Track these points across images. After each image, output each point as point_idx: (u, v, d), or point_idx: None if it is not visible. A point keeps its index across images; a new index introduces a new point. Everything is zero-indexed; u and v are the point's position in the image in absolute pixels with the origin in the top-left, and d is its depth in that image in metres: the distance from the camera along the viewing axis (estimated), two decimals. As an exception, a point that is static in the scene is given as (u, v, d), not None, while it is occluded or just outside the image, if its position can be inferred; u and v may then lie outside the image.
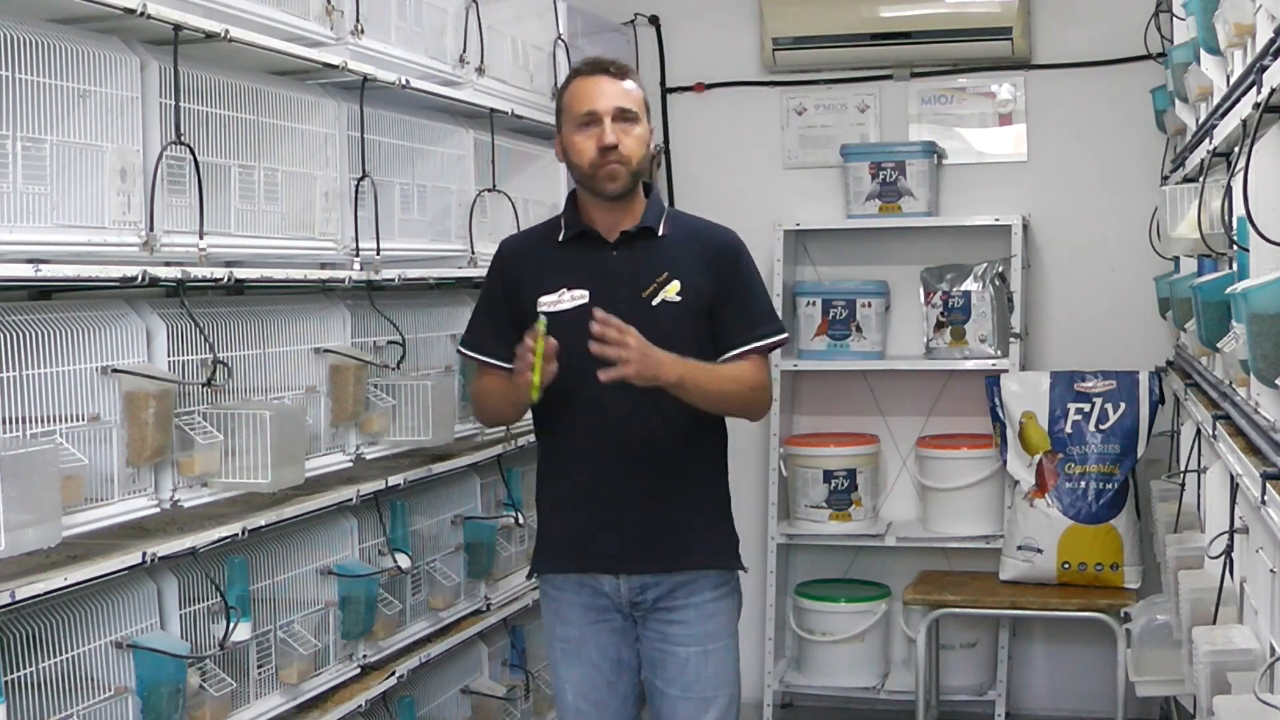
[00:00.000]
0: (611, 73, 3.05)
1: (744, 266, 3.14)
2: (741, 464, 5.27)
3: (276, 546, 3.20)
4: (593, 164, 3.01)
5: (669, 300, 3.05)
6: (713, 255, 3.10)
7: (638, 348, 2.89)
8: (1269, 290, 2.08)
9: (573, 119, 3.04)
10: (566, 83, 3.10)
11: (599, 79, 3.04)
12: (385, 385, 3.55)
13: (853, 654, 5.23)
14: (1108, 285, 5.27)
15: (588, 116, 3.01)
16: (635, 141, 3.03)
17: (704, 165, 5.63)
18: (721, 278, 3.09)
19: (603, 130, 2.99)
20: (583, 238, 3.10)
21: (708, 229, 3.19)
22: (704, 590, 3.08)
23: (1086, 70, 5.25)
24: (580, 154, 3.03)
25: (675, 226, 3.13)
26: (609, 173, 3.01)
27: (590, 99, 3.02)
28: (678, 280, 3.05)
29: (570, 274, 3.07)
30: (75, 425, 2.61)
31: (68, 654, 2.58)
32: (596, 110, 3.00)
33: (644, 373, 2.90)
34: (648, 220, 3.09)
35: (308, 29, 3.24)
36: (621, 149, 3.00)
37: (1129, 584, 4.79)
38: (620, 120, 3.01)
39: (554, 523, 3.17)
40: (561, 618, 3.14)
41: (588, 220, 3.10)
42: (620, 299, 3.01)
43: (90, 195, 2.60)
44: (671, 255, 3.08)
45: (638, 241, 3.09)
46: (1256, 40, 2.49)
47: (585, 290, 3.04)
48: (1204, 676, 2.45)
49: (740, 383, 3.07)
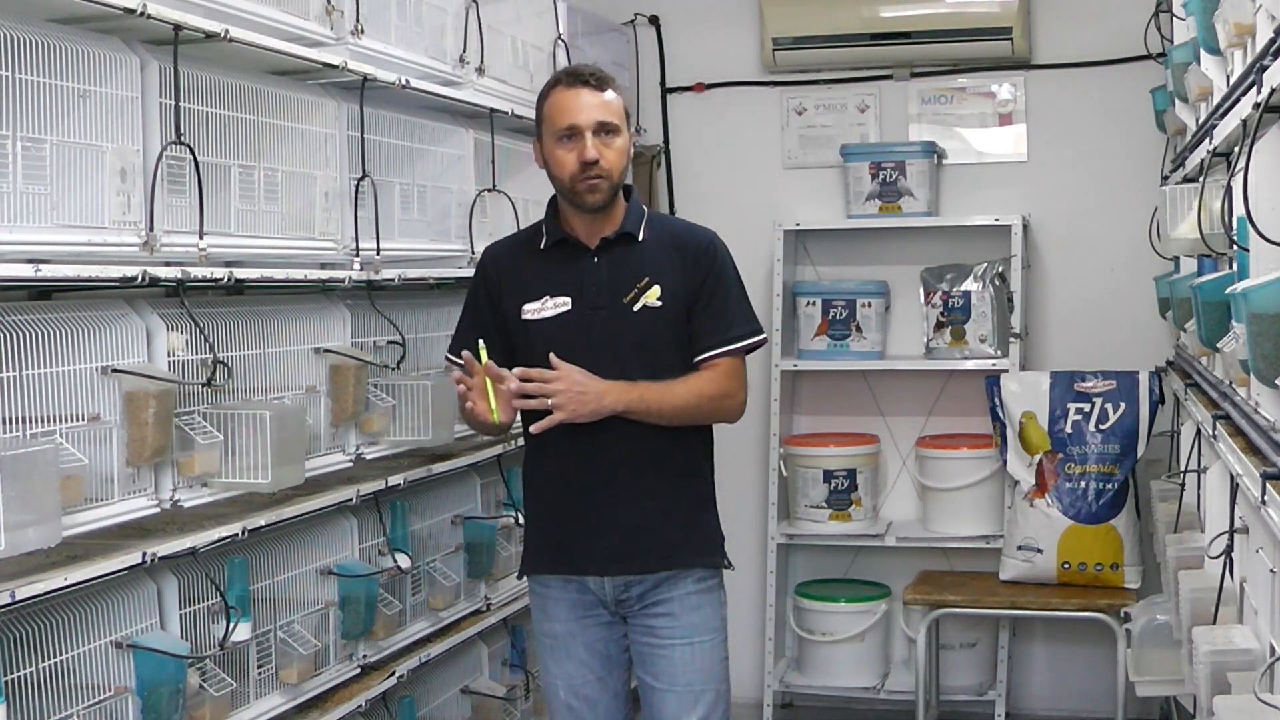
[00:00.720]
0: (592, 84, 3.03)
1: (720, 267, 3.12)
2: (741, 464, 5.32)
3: (276, 546, 3.20)
4: (573, 178, 3.01)
5: (650, 305, 3.05)
6: (690, 257, 3.10)
7: (567, 389, 2.94)
8: (1269, 290, 2.08)
9: (553, 131, 3.03)
10: (546, 92, 3.08)
11: (579, 91, 3.02)
12: (385, 385, 3.56)
13: (853, 654, 5.23)
14: (1108, 285, 5.27)
15: (568, 130, 3.00)
16: (616, 154, 3.02)
17: (704, 165, 5.63)
18: (697, 279, 3.09)
19: (584, 145, 2.99)
20: (563, 245, 3.10)
21: (686, 231, 3.19)
22: (686, 584, 3.09)
23: (1086, 70, 5.25)
24: (561, 167, 3.02)
25: (654, 230, 3.13)
26: (589, 187, 3.01)
27: (571, 112, 3.00)
28: (658, 285, 3.06)
29: (552, 282, 3.08)
30: (75, 425, 2.61)
31: (68, 654, 2.58)
32: (577, 124, 2.99)
33: (580, 410, 2.95)
34: (627, 226, 3.09)
35: (308, 29, 3.24)
36: (603, 163, 2.99)
37: (1129, 584, 4.79)
38: (601, 134, 3.00)
39: (539, 525, 3.18)
40: (549, 614, 3.16)
41: (568, 228, 3.11)
42: (601, 305, 3.03)
43: (90, 195, 2.61)
44: (651, 260, 3.08)
45: (617, 247, 3.09)
46: (1256, 40, 2.49)
47: (568, 298, 3.05)
48: (1204, 676, 2.45)
49: (700, 395, 3.06)
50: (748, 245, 5.02)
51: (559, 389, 2.94)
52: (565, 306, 3.05)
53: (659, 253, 3.09)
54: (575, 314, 3.04)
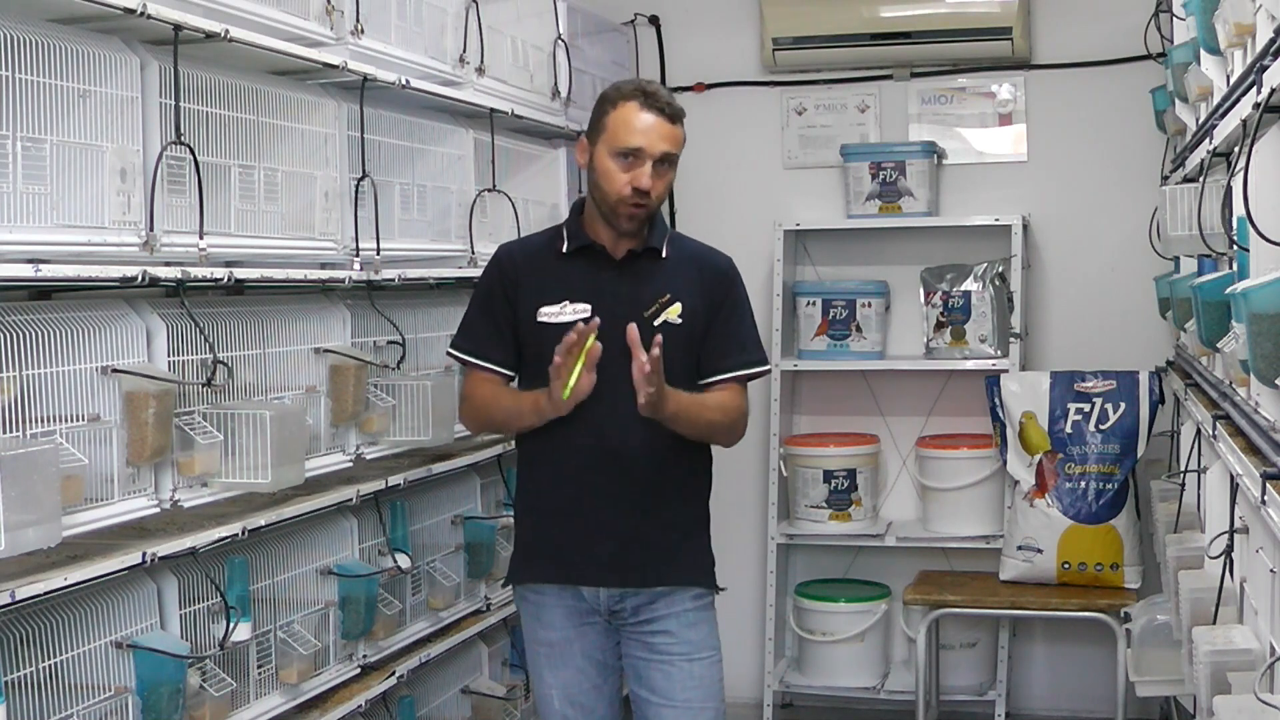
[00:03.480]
0: (667, 114, 3.00)
1: (737, 293, 3.14)
2: (741, 464, 5.31)
3: (276, 546, 3.20)
4: (620, 199, 2.99)
5: (670, 322, 3.04)
6: (710, 278, 3.11)
7: (661, 384, 2.89)
8: (1269, 290, 2.08)
9: (614, 145, 2.98)
10: (618, 100, 3.01)
11: (655, 118, 2.98)
12: (385, 385, 3.56)
13: (853, 654, 5.23)
14: (1108, 285, 5.27)
15: (633, 151, 2.97)
16: (665, 186, 3.03)
17: (704, 165, 5.61)
18: (714, 301, 3.09)
19: (642, 173, 2.97)
20: (587, 252, 3.09)
21: (706, 253, 3.19)
22: (683, 601, 3.08)
23: (1086, 70, 5.25)
24: (611, 183, 2.99)
25: (675, 249, 3.13)
26: (632, 214, 3.00)
27: (641, 135, 2.97)
28: (680, 303, 3.06)
29: (572, 287, 3.06)
30: (75, 425, 2.61)
31: (68, 654, 2.59)
32: (644, 150, 2.97)
33: (658, 408, 2.91)
34: (653, 241, 3.09)
35: (308, 29, 3.24)
36: (653, 194, 2.99)
37: (1129, 584, 4.79)
38: (660, 164, 2.99)
39: (536, 532, 3.15)
40: (544, 622, 3.12)
41: (593, 235, 3.09)
42: (621, 316, 2.99)
43: (90, 195, 2.61)
44: (673, 277, 3.08)
45: (642, 261, 3.08)
46: (1256, 40, 2.49)
47: (587, 305, 3.03)
48: (1204, 676, 2.45)
49: (725, 412, 3.08)
50: (748, 245, 5.02)
51: (657, 382, 2.88)
52: (585, 313, 3.01)
53: (680, 271, 3.09)
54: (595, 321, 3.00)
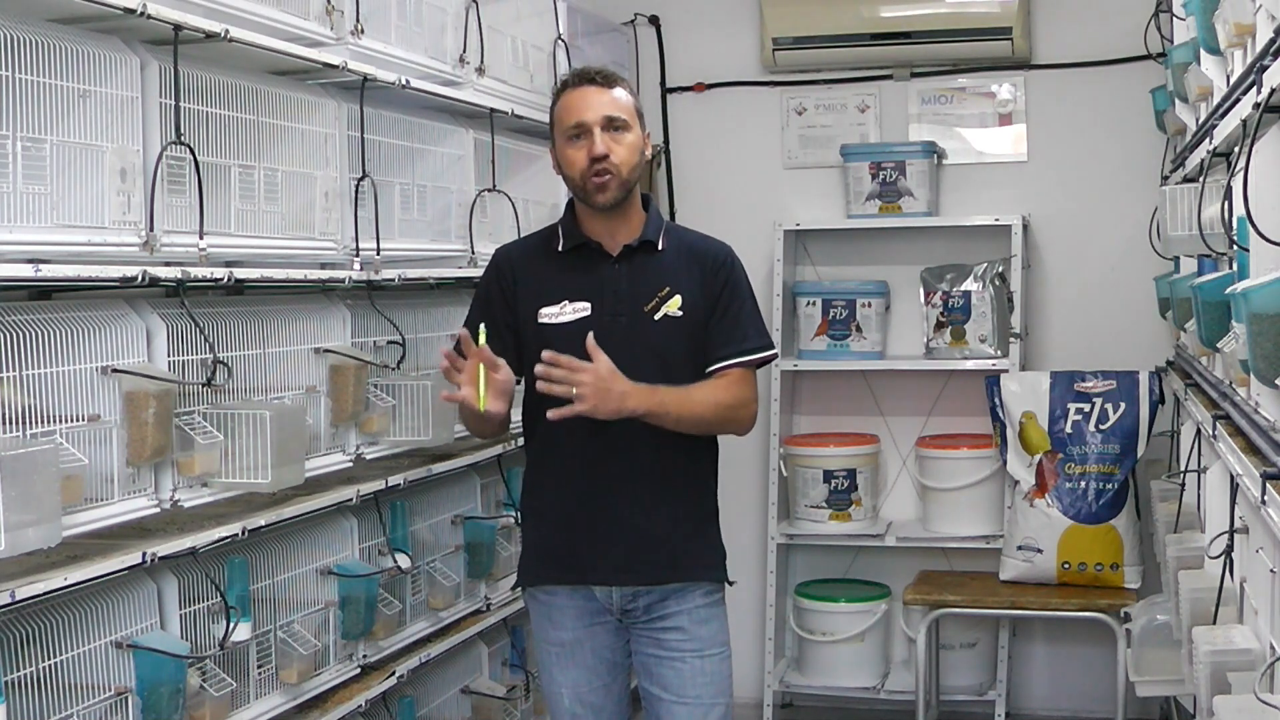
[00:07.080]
0: (598, 82, 3.02)
1: (736, 280, 3.12)
2: (741, 464, 5.32)
3: (276, 546, 3.20)
4: (583, 175, 2.99)
5: (670, 315, 3.03)
6: (709, 269, 3.09)
7: (593, 382, 2.86)
8: (1269, 290, 2.08)
9: (563, 132, 3.02)
10: (555, 96, 3.08)
11: (585, 89, 3.02)
12: (385, 385, 3.56)
13: (853, 654, 5.23)
14: (1108, 285, 5.27)
15: (576, 128, 2.99)
16: (627, 150, 3.01)
17: (704, 165, 5.63)
18: (713, 290, 3.08)
19: (592, 141, 2.98)
20: (583, 250, 3.08)
21: (703, 242, 3.18)
22: (695, 597, 3.07)
23: (1086, 70, 5.25)
24: (571, 166, 3.01)
25: (672, 240, 3.12)
26: (599, 184, 2.99)
27: (578, 110, 3.00)
28: (679, 295, 3.05)
29: (570, 286, 3.05)
30: (75, 425, 2.61)
31: (68, 654, 2.59)
32: (585, 121, 2.99)
33: (602, 406, 2.87)
34: (648, 234, 3.08)
35: (308, 29, 3.24)
36: (613, 157, 2.98)
37: (1129, 584, 4.79)
38: (610, 129, 2.99)
39: (544, 534, 3.14)
40: (555, 622, 3.11)
41: (587, 232, 3.08)
42: (621, 312, 3.00)
43: (90, 195, 2.61)
44: (671, 270, 3.07)
45: (638, 255, 3.07)
46: (1256, 40, 2.49)
47: (587, 303, 3.03)
48: (1204, 676, 2.45)
49: (717, 405, 3.05)
50: (748, 245, 4.96)
51: (586, 380, 2.86)
52: (585, 312, 3.01)
53: (679, 263, 3.08)
54: (595, 320, 2.99)
